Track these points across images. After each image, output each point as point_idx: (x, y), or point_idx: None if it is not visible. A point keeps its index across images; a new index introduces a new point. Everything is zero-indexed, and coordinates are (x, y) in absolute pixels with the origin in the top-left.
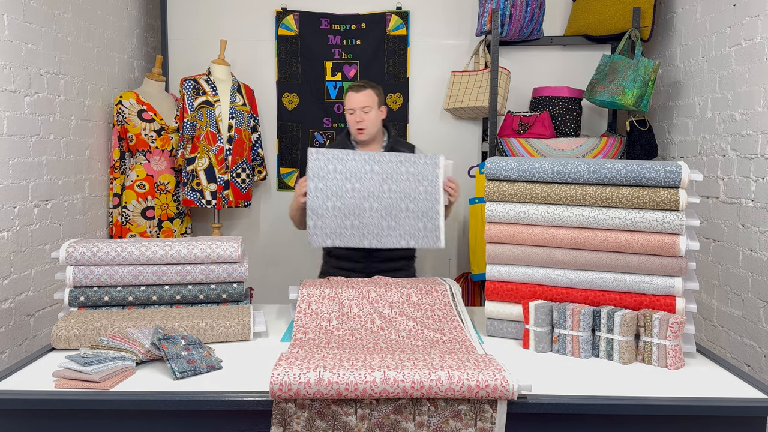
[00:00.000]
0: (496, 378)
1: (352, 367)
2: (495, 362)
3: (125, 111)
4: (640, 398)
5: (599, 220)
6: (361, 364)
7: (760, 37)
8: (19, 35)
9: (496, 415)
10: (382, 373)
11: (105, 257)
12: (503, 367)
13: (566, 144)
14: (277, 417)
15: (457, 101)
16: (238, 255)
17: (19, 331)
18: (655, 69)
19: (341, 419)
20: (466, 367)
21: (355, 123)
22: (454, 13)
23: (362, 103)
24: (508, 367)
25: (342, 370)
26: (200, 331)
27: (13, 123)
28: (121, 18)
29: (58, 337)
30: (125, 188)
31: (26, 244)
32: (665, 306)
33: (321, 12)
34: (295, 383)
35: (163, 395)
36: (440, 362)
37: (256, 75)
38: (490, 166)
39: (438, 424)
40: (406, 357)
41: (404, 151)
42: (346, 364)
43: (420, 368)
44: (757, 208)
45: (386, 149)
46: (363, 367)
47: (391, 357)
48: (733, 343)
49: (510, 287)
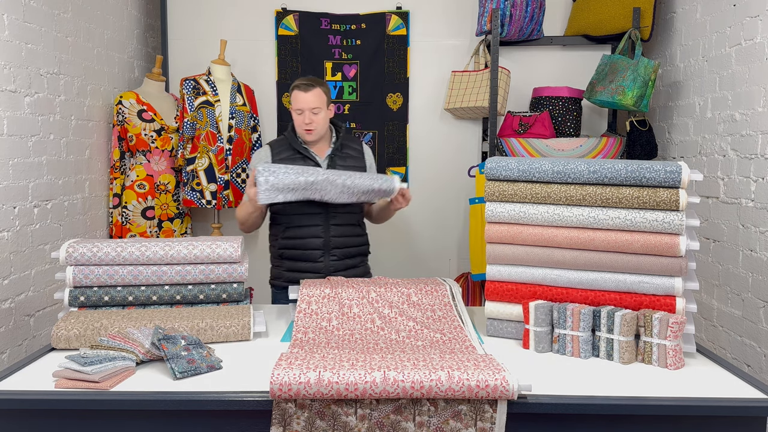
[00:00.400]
0: (496, 378)
1: (352, 367)
2: (495, 362)
3: (125, 111)
4: (640, 398)
5: (599, 220)
6: (361, 364)
7: (760, 37)
8: (19, 35)
9: (496, 415)
10: (382, 373)
11: (105, 257)
12: (503, 367)
13: (566, 144)
14: (277, 417)
15: (457, 101)
16: (238, 255)
17: (19, 331)
18: (655, 69)
19: (341, 419)
20: (466, 367)
21: (303, 124)
22: (454, 13)
23: (311, 104)
24: (508, 367)
25: (342, 370)
26: (200, 331)
27: (13, 123)
28: (121, 18)
29: (58, 337)
30: (125, 188)
31: (26, 244)
32: (665, 306)
33: (321, 12)
34: (295, 383)
35: (163, 395)
36: (440, 362)
37: (256, 75)
38: (490, 166)
39: (438, 424)
40: (406, 357)
41: (353, 148)
42: (346, 364)
43: (420, 368)
44: (757, 208)
45: (335, 148)
46: (363, 367)
47: (391, 357)
48: (733, 343)
49: (510, 287)
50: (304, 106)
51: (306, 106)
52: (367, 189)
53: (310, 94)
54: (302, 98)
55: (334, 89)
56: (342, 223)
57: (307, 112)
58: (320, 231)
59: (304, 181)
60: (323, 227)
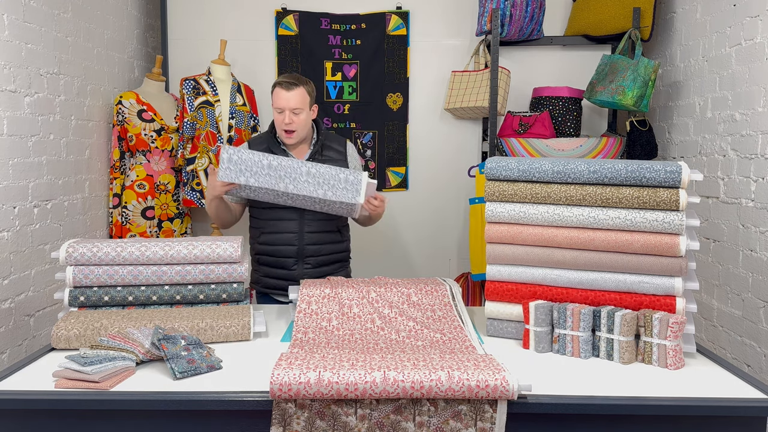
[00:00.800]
0: (496, 378)
1: (352, 367)
2: (495, 362)
3: (125, 111)
4: (640, 398)
5: (599, 220)
6: (361, 364)
7: (760, 37)
8: (19, 35)
9: (496, 415)
10: (382, 373)
11: (105, 257)
12: (503, 367)
13: (566, 144)
14: (277, 417)
15: (457, 101)
16: (238, 255)
17: (19, 331)
18: (655, 69)
19: (341, 419)
20: (466, 367)
21: (282, 124)
22: (454, 13)
23: (293, 103)
24: (508, 367)
25: (342, 370)
26: (200, 331)
27: (13, 123)
28: (121, 18)
29: (58, 337)
30: (125, 188)
31: (26, 244)
32: (665, 306)
33: (321, 12)
34: (295, 383)
35: (163, 395)
36: (440, 362)
37: (256, 75)
38: (490, 166)
39: (438, 424)
40: (406, 357)
41: (334, 149)
42: (346, 364)
43: (420, 368)
44: (757, 208)
45: (314, 150)
46: (363, 367)
47: (391, 357)
48: (733, 343)
49: (510, 287)
50: (285, 105)
51: (287, 105)
52: (333, 184)
53: (293, 93)
54: (283, 96)
55: (334, 89)
56: (317, 230)
57: (287, 112)
58: (294, 238)
59: (267, 163)
60: (297, 235)
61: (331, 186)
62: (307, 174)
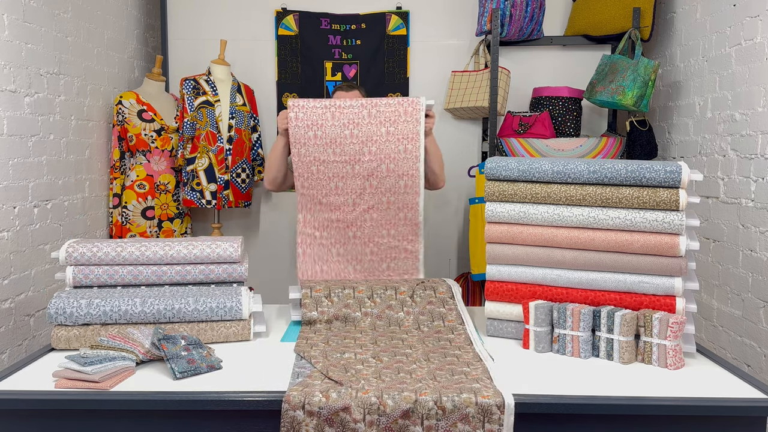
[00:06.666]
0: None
1: (354, 377)
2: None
3: (125, 111)
4: (640, 398)
5: (599, 220)
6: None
7: (760, 37)
8: (19, 35)
9: (503, 417)
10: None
11: (105, 257)
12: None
13: (566, 144)
14: (286, 425)
15: (457, 101)
16: (238, 255)
17: (19, 331)
18: (655, 69)
19: (350, 426)
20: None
21: None
22: (454, 13)
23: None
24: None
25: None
26: (200, 331)
27: (13, 123)
28: (121, 18)
29: (58, 337)
30: (125, 188)
31: (26, 244)
32: (665, 306)
33: (321, 12)
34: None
35: (163, 395)
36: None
37: (256, 75)
38: (490, 166)
39: (446, 428)
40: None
41: None
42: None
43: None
44: (757, 208)
45: None
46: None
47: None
48: (733, 343)
49: (510, 287)
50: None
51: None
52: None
53: (351, 94)
54: (343, 96)
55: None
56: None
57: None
58: None
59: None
60: None
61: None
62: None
